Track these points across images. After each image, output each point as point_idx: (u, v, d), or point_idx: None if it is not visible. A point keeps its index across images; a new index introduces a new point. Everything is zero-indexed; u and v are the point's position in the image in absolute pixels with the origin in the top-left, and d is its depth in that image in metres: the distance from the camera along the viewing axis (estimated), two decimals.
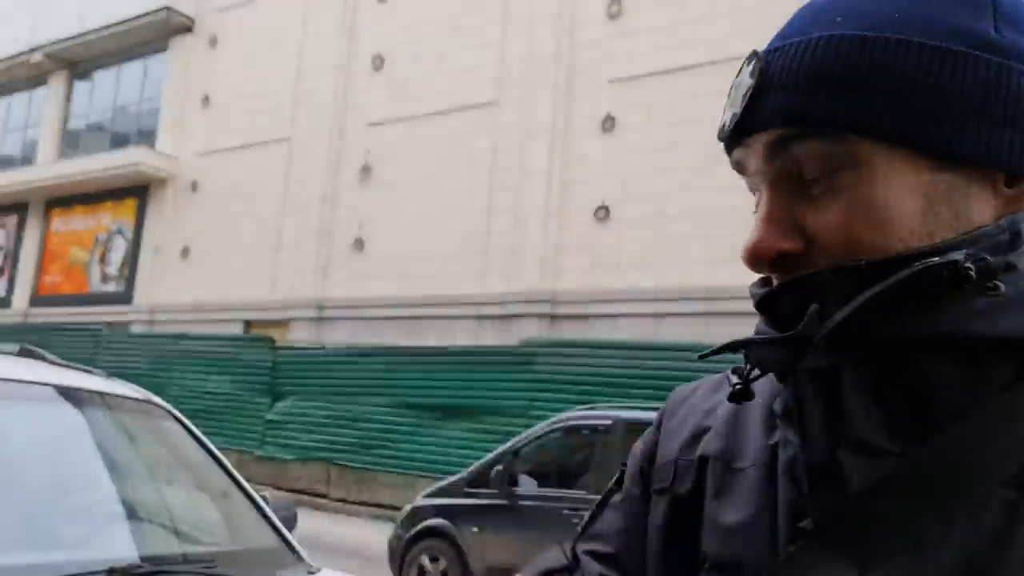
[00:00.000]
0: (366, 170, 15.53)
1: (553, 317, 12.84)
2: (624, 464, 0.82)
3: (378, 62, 15.88)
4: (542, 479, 6.53)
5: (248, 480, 2.60)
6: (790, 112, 0.60)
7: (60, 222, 20.74)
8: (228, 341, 14.09)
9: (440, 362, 11.28)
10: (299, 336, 15.27)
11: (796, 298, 0.61)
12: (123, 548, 2.04)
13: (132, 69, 20.65)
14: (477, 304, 13.56)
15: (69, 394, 2.24)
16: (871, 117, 0.58)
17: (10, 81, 23.05)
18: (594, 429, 6.57)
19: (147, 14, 19.18)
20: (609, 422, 6.46)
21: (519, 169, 13.63)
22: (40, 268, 20.90)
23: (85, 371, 2.41)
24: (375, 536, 9.42)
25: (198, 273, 17.72)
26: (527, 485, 6.43)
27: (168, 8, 18.89)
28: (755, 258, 0.63)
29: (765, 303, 0.64)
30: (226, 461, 2.51)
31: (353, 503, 11.10)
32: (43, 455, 2.21)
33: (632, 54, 12.94)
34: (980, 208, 0.59)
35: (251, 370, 12.99)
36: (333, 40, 16.52)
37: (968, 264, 0.55)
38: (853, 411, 0.59)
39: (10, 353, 2.44)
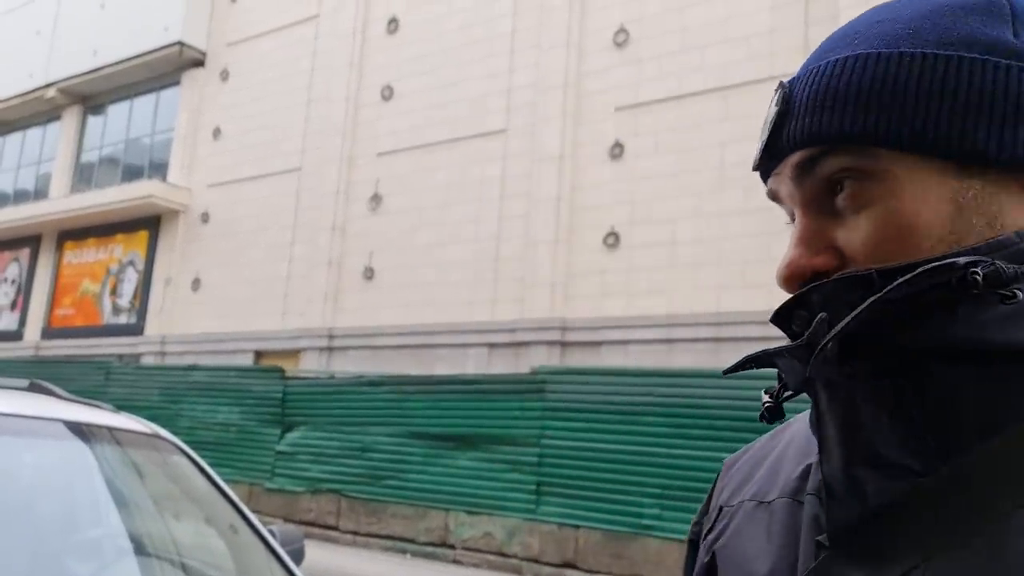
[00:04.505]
0: (376, 199, 15.61)
1: (564, 344, 12.79)
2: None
3: (387, 92, 16.03)
4: None
5: (259, 513, 2.57)
6: (813, 133, 0.61)
7: (72, 255, 20.88)
8: (238, 372, 14.09)
9: (450, 391, 11.22)
10: (309, 366, 15.26)
11: (808, 311, 0.60)
12: None
13: (145, 103, 20.91)
14: (487, 332, 13.54)
15: (77, 429, 2.23)
16: (890, 128, 0.58)
17: (25, 117, 23.38)
18: None
19: (160, 49, 19.44)
20: None
21: (528, 196, 13.67)
22: (52, 301, 21.01)
23: (94, 406, 2.41)
24: (386, 568, 9.34)
25: (208, 304, 17.79)
26: None
27: (180, 43, 19.15)
28: (789, 278, 0.62)
29: (779, 317, 0.62)
30: (234, 495, 2.49)
31: (364, 535, 11.00)
32: (52, 491, 2.19)
33: (639, 81, 13.01)
34: (1018, 215, 0.58)
35: (261, 401, 12.97)
36: (343, 71, 16.70)
37: (976, 269, 0.53)
38: (868, 425, 0.58)
39: (20, 388, 2.44)
